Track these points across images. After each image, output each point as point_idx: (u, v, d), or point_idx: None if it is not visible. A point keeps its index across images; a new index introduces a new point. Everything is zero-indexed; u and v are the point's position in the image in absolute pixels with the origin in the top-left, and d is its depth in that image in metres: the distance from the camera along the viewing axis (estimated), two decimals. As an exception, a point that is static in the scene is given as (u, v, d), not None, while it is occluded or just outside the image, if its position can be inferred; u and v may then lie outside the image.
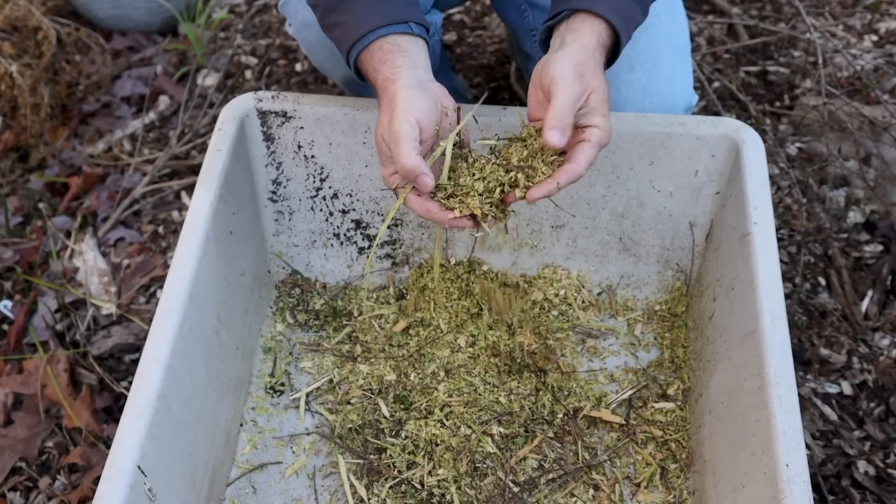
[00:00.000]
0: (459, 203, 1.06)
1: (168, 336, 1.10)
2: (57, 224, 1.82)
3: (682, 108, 1.35)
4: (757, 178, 1.25)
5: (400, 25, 1.09)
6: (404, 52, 1.08)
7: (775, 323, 1.11)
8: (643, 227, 1.41)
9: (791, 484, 0.98)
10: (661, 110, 1.32)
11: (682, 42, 1.37)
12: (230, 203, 1.28)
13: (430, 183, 1.02)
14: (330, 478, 1.28)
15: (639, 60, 1.31)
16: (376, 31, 1.08)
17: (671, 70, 1.33)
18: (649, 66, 1.31)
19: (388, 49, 1.08)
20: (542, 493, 1.24)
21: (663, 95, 1.32)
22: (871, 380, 1.50)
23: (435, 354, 1.38)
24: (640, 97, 1.31)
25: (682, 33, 1.38)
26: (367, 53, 1.10)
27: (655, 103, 1.32)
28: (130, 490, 0.98)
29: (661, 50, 1.32)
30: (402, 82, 1.06)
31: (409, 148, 1.01)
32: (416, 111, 1.03)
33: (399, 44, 1.08)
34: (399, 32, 1.09)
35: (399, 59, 1.07)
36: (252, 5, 2.33)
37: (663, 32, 1.33)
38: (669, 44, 1.34)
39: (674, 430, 1.30)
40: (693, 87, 1.38)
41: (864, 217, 1.73)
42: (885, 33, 2.13)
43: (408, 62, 1.08)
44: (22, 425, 1.49)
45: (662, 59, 1.32)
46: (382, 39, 1.08)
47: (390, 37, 1.08)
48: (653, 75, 1.32)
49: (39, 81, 1.97)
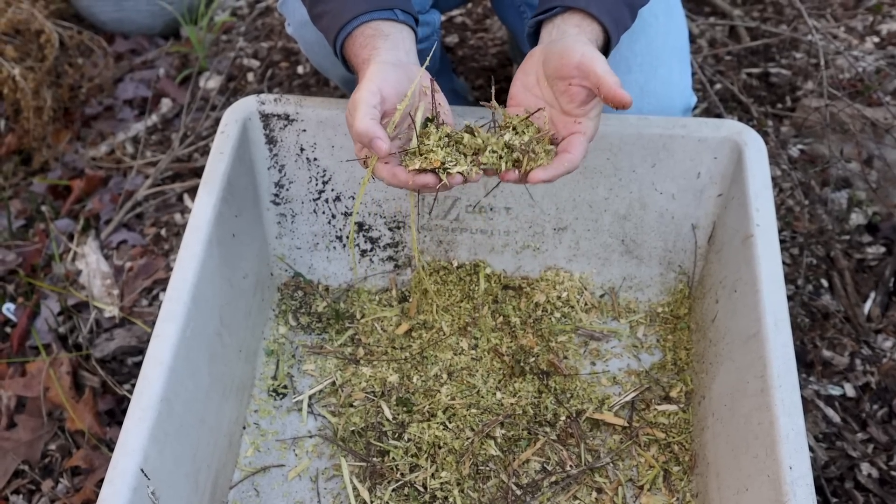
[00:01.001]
0: (423, 160, 1.02)
1: (171, 339, 1.10)
2: (59, 227, 1.82)
3: (680, 109, 1.34)
4: (759, 179, 1.25)
5: (384, 12, 1.08)
6: (385, 36, 1.07)
7: (778, 325, 1.11)
8: (645, 230, 1.41)
9: (794, 486, 0.98)
10: (658, 111, 1.32)
11: (681, 43, 1.37)
12: (233, 206, 1.28)
13: (384, 146, 0.97)
14: (333, 481, 1.28)
15: (636, 62, 1.31)
16: (360, 17, 1.08)
17: (669, 71, 1.33)
18: (647, 67, 1.31)
19: (369, 34, 1.08)
20: (544, 495, 1.24)
21: (661, 97, 1.32)
22: (874, 382, 1.50)
23: (437, 357, 1.38)
24: (637, 98, 1.30)
25: (681, 35, 1.37)
26: (350, 40, 1.09)
27: (653, 104, 1.32)
28: (133, 493, 0.98)
29: (659, 51, 1.32)
30: (376, 59, 1.05)
31: (362, 113, 0.98)
32: (379, 81, 1.02)
33: (381, 28, 1.08)
34: (382, 18, 1.08)
35: (379, 42, 1.07)
36: (254, 8, 2.34)
37: (661, 34, 1.33)
38: (668, 45, 1.33)
39: (677, 432, 1.30)
40: (692, 89, 1.38)
41: (867, 219, 1.73)
42: (886, 35, 2.13)
43: (388, 44, 1.07)
44: (25, 428, 1.49)
45: (660, 60, 1.32)
46: (365, 25, 1.08)
47: (373, 22, 1.08)
48: (651, 76, 1.31)
49: (42, 85, 1.98)
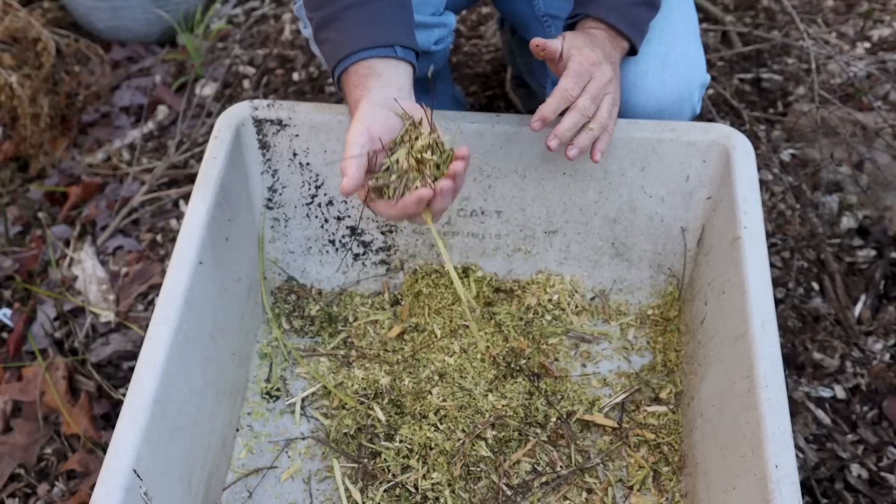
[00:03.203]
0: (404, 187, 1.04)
1: (164, 341, 1.10)
2: (56, 233, 1.83)
3: (698, 83, 1.34)
4: (747, 182, 1.27)
5: (383, 49, 1.09)
6: (378, 76, 1.08)
7: (765, 325, 1.12)
8: (635, 233, 1.42)
9: (780, 485, 0.99)
10: (680, 83, 1.31)
11: (694, 21, 1.38)
12: (226, 210, 1.30)
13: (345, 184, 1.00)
14: (325, 482, 1.29)
15: (655, 34, 1.30)
16: (358, 54, 1.08)
17: (687, 45, 1.33)
18: (666, 39, 1.31)
19: (363, 73, 1.09)
20: (535, 496, 1.24)
21: (681, 68, 1.31)
22: (864, 384, 1.51)
23: (429, 359, 1.39)
24: (659, 68, 1.30)
25: (693, 13, 1.39)
26: (345, 76, 1.11)
27: (675, 76, 1.31)
28: (126, 493, 0.99)
29: (675, 24, 1.32)
30: (366, 99, 1.06)
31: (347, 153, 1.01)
32: (368, 121, 1.04)
33: (374, 67, 1.08)
34: (379, 56, 1.09)
35: (371, 82, 1.08)
36: (250, 16, 2.36)
37: (675, 9, 1.34)
38: (682, 20, 1.34)
39: (666, 433, 1.31)
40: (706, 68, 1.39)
41: (857, 222, 1.75)
42: (877, 40, 2.14)
43: (380, 83, 1.08)
44: (21, 432, 1.50)
45: (677, 32, 1.32)
46: (360, 63, 1.09)
47: (368, 61, 1.08)
48: (671, 48, 1.31)
49: (39, 92, 1.99)
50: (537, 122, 1.15)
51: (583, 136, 1.17)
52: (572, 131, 1.16)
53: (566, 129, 1.16)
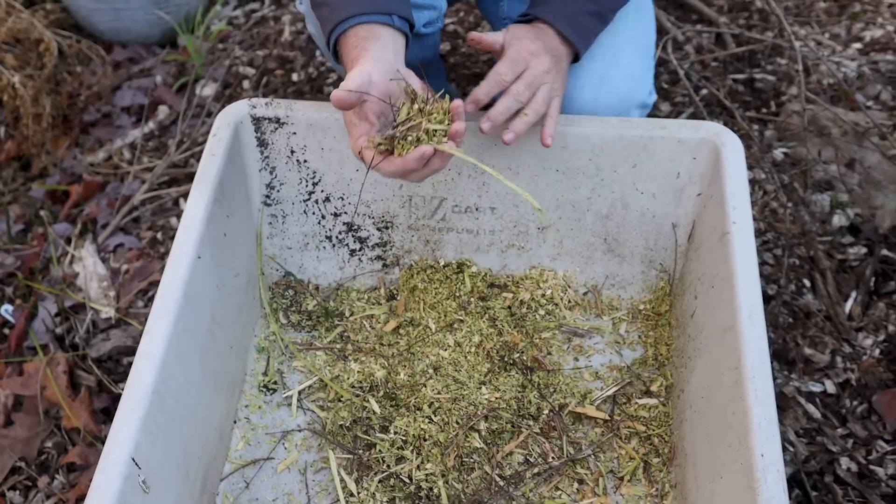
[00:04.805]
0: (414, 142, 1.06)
1: (163, 334, 1.12)
2: (57, 231, 1.86)
3: (636, 103, 1.36)
4: (736, 179, 1.29)
5: (382, 16, 1.11)
6: (377, 38, 1.11)
7: (752, 318, 1.14)
8: (627, 229, 1.44)
9: (766, 473, 1.01)
10: (615, 102, 1.34)
11: (647, 42, 1.40)
12: (224, 206, 1.32)
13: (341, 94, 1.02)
14: (321, 473, 1.31)
15: (600, 52, 1.33)
16: (357, 17, 1.11)
17: (631, 65, 1.35)
18: (609, 57, 1.33)
19: (363, 35, 1.11)
20: (527, 486, 1.26)
21: (619, 88, 1.34)
22: (854, 379, 1.53)
23: (424, 353, 1.41)
24: (596, 85, 1.33)
25: (648, 34, 1.41)
26: (343, 38, 1.13)
27: (611, 94, 1.34)
28: (125, 481, 1.01)
29: (623, 44, 1.35)
30: (366, 56, 1.09)
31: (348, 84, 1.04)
32: (370, 69, 1.06)
33: (374, 31, 1.11)
34: (378, 22, 1.11)
35: (370, 43, 1.10)
36: (250, 17, 2.38)
37: (628, 29, 1.36)
38: (633, 41, 1.36)
39: (657, 425, 1.33)
40: (653, 88, 1.40)
41: (848, 220, 1.76)
42: (869, 41, 2.16)
43: (379, 46, 1.10)
44: (22, 426, 1.52)
45: (623, 53, 1.34)
46: (360, 26, 1.11)
47: (368, 25, 1.11)
48: (612, 67, 1.34)
49: (41, 92, 2.02)
50: (470, 104, 1.19)
51: (518, 121, 1.20)
52: (504, 115, 1.19)
53: (498, 112, 1.19)
